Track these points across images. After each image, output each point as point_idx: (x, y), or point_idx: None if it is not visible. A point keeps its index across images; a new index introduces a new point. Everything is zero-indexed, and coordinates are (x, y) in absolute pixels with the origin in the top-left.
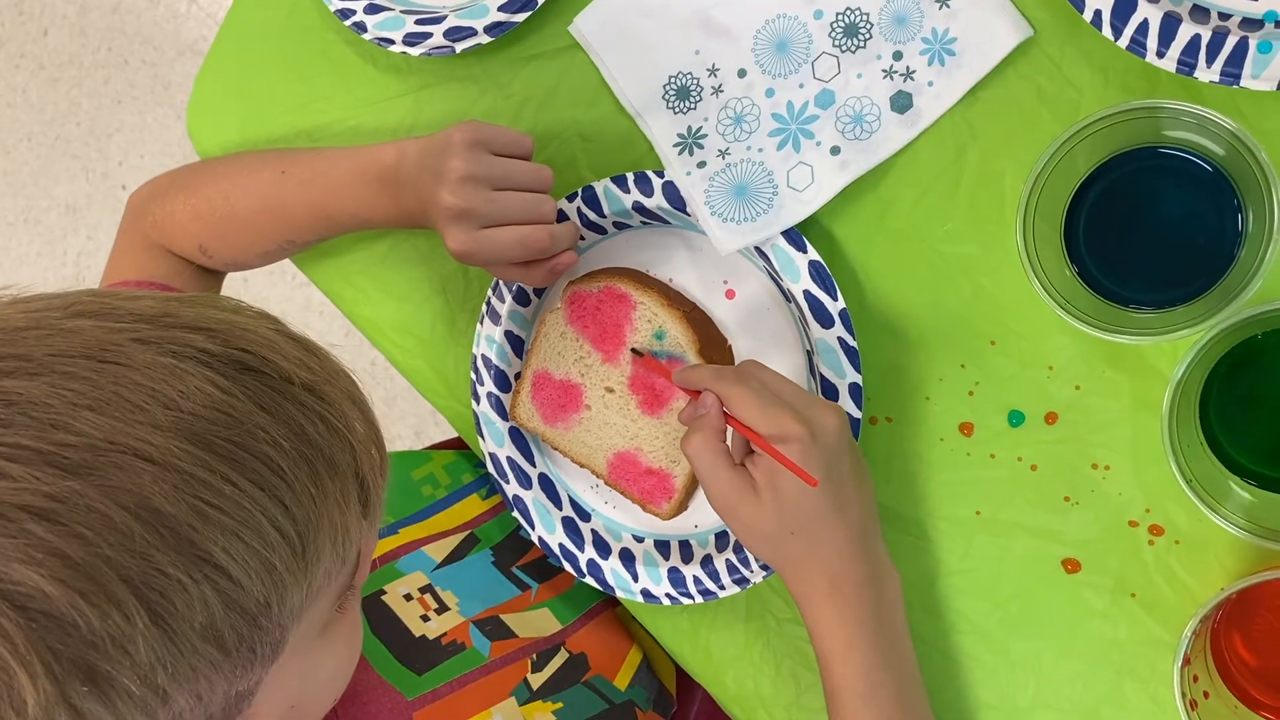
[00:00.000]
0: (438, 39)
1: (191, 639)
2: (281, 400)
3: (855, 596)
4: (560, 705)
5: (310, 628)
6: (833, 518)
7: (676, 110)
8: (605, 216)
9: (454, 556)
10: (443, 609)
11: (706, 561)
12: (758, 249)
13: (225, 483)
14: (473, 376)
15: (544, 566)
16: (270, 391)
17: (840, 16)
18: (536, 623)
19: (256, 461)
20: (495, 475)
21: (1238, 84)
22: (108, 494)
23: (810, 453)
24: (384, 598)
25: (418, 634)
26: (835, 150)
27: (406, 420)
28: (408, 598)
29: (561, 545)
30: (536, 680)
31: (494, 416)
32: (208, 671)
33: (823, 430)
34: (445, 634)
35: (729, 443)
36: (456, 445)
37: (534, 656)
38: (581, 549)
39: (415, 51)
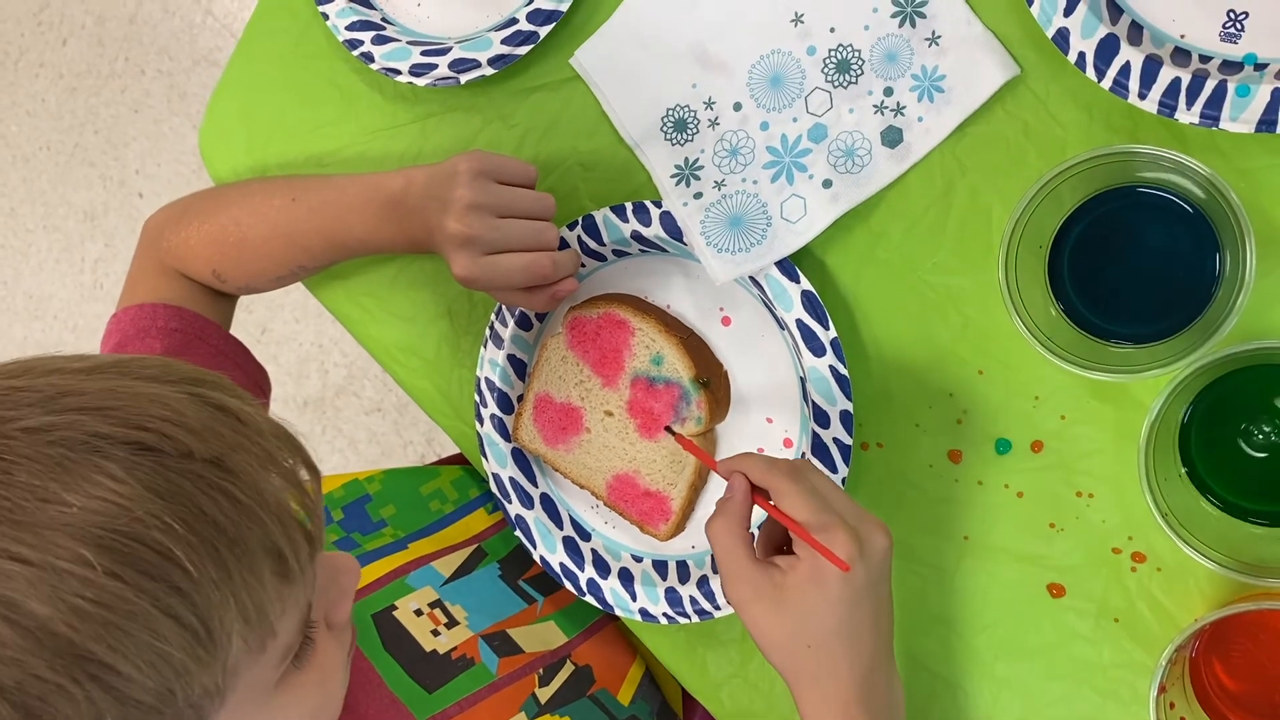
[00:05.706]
0: (443, 70)
1: None
2: (179, 480)
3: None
4: (568, 719)
5: (251, 693)
6: (856, 639)
7: (674, 142)
8: (605, 244)
9: (462, 571)
10: (452, 623)
11: (703, 582)
12: (752, 278)
13: (109, 578)
14: (476, 399)
15: (549, 580)
16: (166, 472)
17: (833, 53)
18: (543, 636)
19: (147, 550)
20: (498, 494)
21: (1217, 126)
22: None
23: (854, 568)
24: (395, 613)
25: (428, 649)
26: (827, 183)
27: (419, 427)
28: (418, 613)
29: (562, 564)
30: (544, 694)
31: (497, 438)
32: None
33: (871, 548)
34: (455, 649)
35: (753, 533)
36: (464, 460)
37: (541, 670)
38: (582, 568)
39: (421, 82)
